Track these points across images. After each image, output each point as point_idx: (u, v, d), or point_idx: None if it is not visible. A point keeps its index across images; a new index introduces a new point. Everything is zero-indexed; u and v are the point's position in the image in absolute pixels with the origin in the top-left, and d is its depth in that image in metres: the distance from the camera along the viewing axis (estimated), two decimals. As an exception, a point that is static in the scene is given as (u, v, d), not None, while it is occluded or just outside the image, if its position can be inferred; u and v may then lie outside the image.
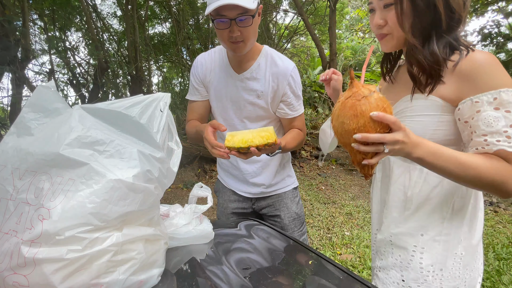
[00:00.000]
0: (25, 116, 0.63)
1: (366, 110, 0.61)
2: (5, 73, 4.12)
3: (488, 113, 0.66)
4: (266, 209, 1.35)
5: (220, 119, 1.26)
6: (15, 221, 0.52)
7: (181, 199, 3.92)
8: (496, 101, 0.66)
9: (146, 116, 0.64)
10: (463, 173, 0.66)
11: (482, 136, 0.67)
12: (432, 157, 0.66)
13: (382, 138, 0.61)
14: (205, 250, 0.80)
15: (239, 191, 1.34)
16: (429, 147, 0.66)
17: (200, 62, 1.23)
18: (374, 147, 0.63)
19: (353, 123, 0.62)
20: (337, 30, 10.57)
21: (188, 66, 7.29)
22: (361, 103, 0.61)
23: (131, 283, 0.57)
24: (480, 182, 0.66)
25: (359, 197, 3.84)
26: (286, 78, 1.16)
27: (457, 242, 0.79)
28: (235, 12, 0.98)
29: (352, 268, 2.24)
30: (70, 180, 0.54)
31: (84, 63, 7.18)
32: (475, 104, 0.68)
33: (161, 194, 0.66)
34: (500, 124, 0.65)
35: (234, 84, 1.19)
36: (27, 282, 0.49)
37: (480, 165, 0.65)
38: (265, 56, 1.18)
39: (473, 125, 0.68)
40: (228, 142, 0.93)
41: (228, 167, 1.34)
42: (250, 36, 1.06)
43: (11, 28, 3.78)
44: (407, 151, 0.65)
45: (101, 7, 7.38)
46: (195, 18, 7.74)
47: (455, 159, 0.66)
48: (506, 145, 0.65)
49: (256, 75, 1.17)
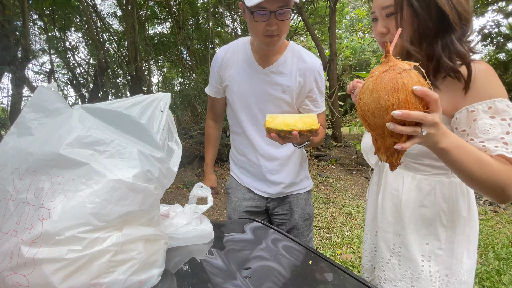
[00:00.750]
0: (26, 116, 0.63)
1: (408, 83, 0.53)
2: (5, 73, 4.12)
3: (484, 121, 0.67)
4: (279, 207, 1.34)
5: (242, 113, 1.24)
6: (15, 221, 0.52)
7: (181, 199, 3.92)
8: (491, 110, 0.67)
9: (146, 116, 0.64)
10: (480, 170, 0.64)
11: (480, 143, 0.68)
12: (456, 149, 0.62)
13: (424, 117, 0.54)
14: (205, 250, 0.80)
15: (255, 189, 1.32)
16: (455, 138, 0.63)
17: (221, 57, 1.22)
18: (412, 128, 0.55)
19: (393, 97, 0.54)
20: (337, 30, 10.57)
21: (188, 66, 7.29)
22: (403, 76, 0.54)
23: (131, 283, 0.57)
24: (492, 182, 0.65)
25: (359, 197, 3.84)
26: (314, 74, 1.18)
27: (461, 248, 0.80)
28: (276, 4, 0.98)
29: (352, 268, 2.24)
30: (70, 180, 0.54)
31: (84, 63, 7.19)
32: (471, 113, 0.69)
33: (161, 194, 0.66)
34: (496, 131, 0.67)
35: (258, 78, 1.18)
36: (27, 282, 0.49)
37: (493, 164, 0.65)
38: (291, 51, 1.18)
39: (471, 133, 0.69)
40: (270, 124, 0.89)
41: (245, 163, 1.32)
42: (285, 30, 1.06)
43: (11, 28, 3.78)
44: (437, 139, 0.60)
45: (101, 7, 7.41)
46: (195, 18, 7.74)
47: (476, 155, 0.64)
48: (504, 151, 0.66)
49: (282, 69, 1.16)
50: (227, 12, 7.53)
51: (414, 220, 0.83)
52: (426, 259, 0.81)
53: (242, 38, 1.24)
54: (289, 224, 1.34)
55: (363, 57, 8.48)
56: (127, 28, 6.01)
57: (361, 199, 3.77)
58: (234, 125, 1.31)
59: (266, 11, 0.98)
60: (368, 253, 1.02)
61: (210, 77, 1.28)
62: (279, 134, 0.90)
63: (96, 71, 5.62)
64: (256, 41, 1.12)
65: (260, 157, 1.26)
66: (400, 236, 0.85)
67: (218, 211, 3.62)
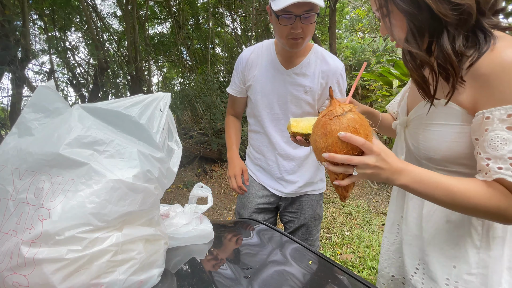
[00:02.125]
0: (26, 116, 0.63)
1: (335, 129, 0.60)
2: (5, 73, 4.12)
3: (496, 133, 0.54)
4: (290, 206, 1.38)
5: (265, 113, 1.28)
6: (15, 221, 0.52)
7: (181, 199, 3.92)
8: (510, 119, 0.53)
9: (146, 116, 0.64)
10: (453, 202, 0.58)
11: (486, 160, 0.57)
12: (417, 184, 0.60)
13: (349, 160, 0.59)
14: (205, 250, 0.80)
15: (270, 187, 1.35)
16: (414, 173, 0.60)
17: (246, 58, 1.27)
18: (343, 168, 0.61)
19: (323, 141, 0.62)
20: (337, 30, 10.56)
21: (188, 66, 7.29)
22: (332, 122, 0.61)
23: (131, 283, 0.57)
24: (475, 212, 0.58)
25: (359, 197, 3.84)
26: (336, 76, 1.22)
27: (499, 273, 0.64)
28: (302, 9, 1.01)
29: (352, 268, 2.24)
30: (70, 180, 0.54)
31: (84, 63, 7.19)
32: (485, 121, 0.56)
33: (161, 194, 0.66)
34: (507, 148, 0.53)
35: (281, 79, 1.22)
36: (27, 282, 0.49)
37: (474, 195, 0.57)
38: (315, 54, 1.22)
39: (480, 146, 0.58)
40: (295, 128, 0.89)
41: (262, 161, 1.35)
42: (310, 33, 1.09)
43: (11, 28, 3.78)
44: (386, 177, 0.60)
45: (101, 7, 7.41)
46: (195, 18, 7.74)
47: (445, 187, 0.58)
48: (508, 174, 0.54)
49: (305, 71, 1.20)
50: (227, 12, 7.53)
51: (438, 236, 0.71)
52: (453, 285, 0.68)
53: (267, 40, 1.29)
54: (297, 222, 1.37)
55: (363, 57, 8.47)
56: (127, 28, 6.00)
57: (361, 199, 3.77)
58: (254, 124, 1.35)
59: (292, 15, 1.02)
60: (384, 259, 0.91)
61: (233, 77, 1.32)
62: (305, 138, 0.90)
63: (96, 71, 5.61)
64: (280, 43, 1.16)
65: (278, 156, 1.30)
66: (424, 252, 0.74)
67: (218, 211, 3.62)
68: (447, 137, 0.64)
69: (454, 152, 0.64)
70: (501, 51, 0.53)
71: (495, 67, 0.53)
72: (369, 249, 2.47)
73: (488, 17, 0.58)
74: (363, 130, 0.60)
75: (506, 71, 0.52)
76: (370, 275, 2.12)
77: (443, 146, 0.65)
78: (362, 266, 2.27)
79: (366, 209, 3.40)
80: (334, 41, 6.36)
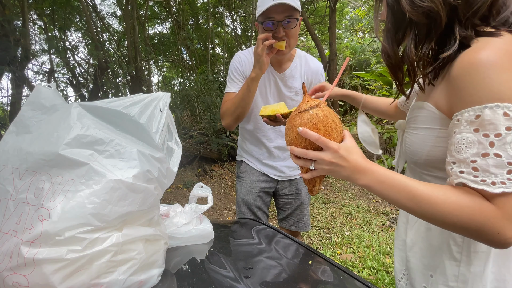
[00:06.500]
0: (24, 114, 0.63)
1: (296, 124, 0.63)
2: (5, 73, 4.12)
3: (463, 135, 0.51)
4: (287, 189, 1.51)
5: None
6: (15, 221, 0.52)
7: (181, 199, 3.92)
8: (478, 121, 0.49)
9: (145, 116, 0.63)
10: (419, 208, 0.53)
11: (452, 164, 0.54)
12: (379, 185, 0.56)
13: (305, 154, 0.61)
14: (205, 250, 0.80)
15: (268, 173, 1.48)
16: (378, 174, 0.57)
17: (241, 59, 1.35)
18: (302, 161, 0.63)
19: (287, 135, 0.66)
20: (337, 30, 10.57)
21: (188, 66, 7.29)
22: (296, 117, 0.64)
23: (131, 283, 0.57)
24: (448, 224, 0.52)
25: (359, 197, 3.84)
26: (318, 76, 1.39)
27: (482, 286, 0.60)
28: (282, 15, 1.13)
29: (352, 268, 2.24)
30: (70, 180, 0.54)
31: (84, 63, 7.19)
32: (455, 123, 0.53)
33: (161, 194, 0.66)
34: (470, 151, 0.50)
35: (275, 82, 1.35)
36: (27, 282, 0.49)
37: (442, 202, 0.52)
38: (299, 58, 1.37)
39: (448, 149, 0.56)
40: (262, 112, 1.14)
41: (257, 152, 1.47)
42: (293, 38, 1.20)
43: (11, 28, 3.78)
44: (347, 175, 0.59)
45: (101, 7, 7.40)
46: (195, 18, 7.74)
47: (408, 190, 0.54)
48: (469, 178, 0.51)
49: (294, 74, 1.35)
50: (227, 12, 7.53)
51: (419, 244, 0.70)
52: None
53: None
54: (295, 203, 1.52)
55: (363, 57, 8.48)
56: (127, 28, 6.00)
57: (361, 199, 3.77)
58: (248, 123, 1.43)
59: (274, 20, 1.14)
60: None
61: (232, 77, 1.36)
62: (269, 118, 1.12)
63: (96, 71, 5.61)
64: None
65: (273, 149, 1.44)
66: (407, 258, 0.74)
67: (218, 211, 3.62)
68: (428, 141, 0.62)
69: (434, 156, 0.62)
70: (473, 53, 0.52)
71: (464, 68, 0.51)
72: (369, 249, 2.46)
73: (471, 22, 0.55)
74: (323, 126, 0.61)
75: (474, 72, 0.50)
76: (370, 275, 2.12)
77: (424, 150, 0.63)
78: (362, 266, 2.27)
79: (366, 209, 3.40)
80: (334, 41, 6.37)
